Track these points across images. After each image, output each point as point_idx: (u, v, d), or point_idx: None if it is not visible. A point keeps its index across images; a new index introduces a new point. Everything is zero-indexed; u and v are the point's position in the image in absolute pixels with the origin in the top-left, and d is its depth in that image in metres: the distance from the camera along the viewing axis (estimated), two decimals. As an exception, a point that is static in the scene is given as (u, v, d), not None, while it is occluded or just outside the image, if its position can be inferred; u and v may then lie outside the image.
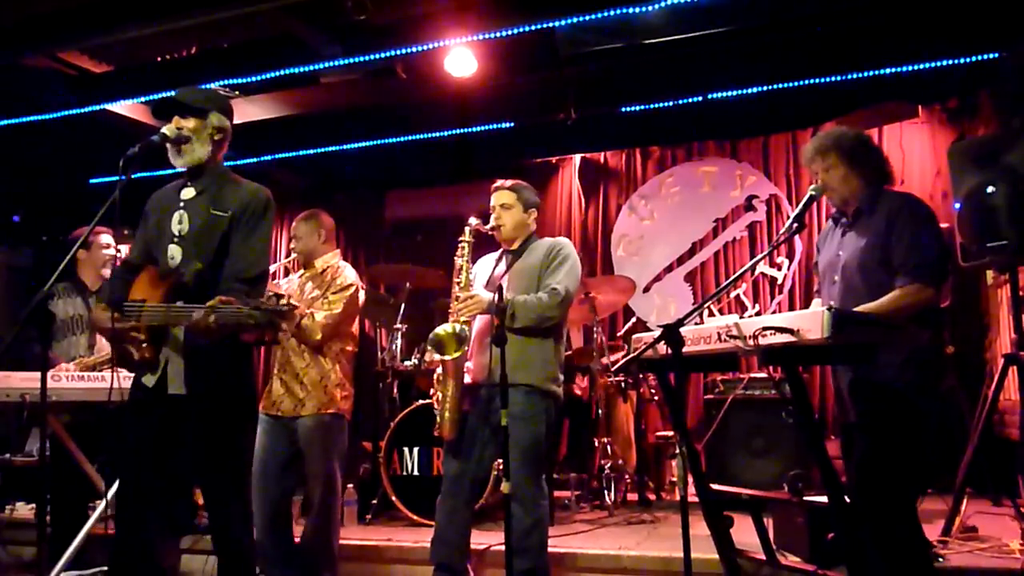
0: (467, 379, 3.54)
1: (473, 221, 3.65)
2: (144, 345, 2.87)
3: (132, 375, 3.98)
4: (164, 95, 3.05)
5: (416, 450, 4.87)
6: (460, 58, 5.57)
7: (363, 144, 6.96)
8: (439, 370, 3.54)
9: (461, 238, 3.62)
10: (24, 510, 5.31)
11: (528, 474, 3.38)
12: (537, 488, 3.40)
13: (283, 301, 2.72)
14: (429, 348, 3.51)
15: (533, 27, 5.09)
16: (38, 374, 3.47)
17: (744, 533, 3.16)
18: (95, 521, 3.90)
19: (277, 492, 3.78)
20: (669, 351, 2.62)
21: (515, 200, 3.67)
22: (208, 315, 2.67)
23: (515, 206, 3.67)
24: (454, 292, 3.56)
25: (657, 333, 2.72)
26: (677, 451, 3.00)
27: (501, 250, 3.76)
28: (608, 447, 5.29)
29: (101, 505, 3.90)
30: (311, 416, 3.80)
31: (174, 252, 2.98)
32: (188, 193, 3.05)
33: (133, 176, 2.78)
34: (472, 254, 3.66)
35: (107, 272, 4.45)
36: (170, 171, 3.11)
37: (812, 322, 2.33)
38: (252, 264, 2.97)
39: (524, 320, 3.41)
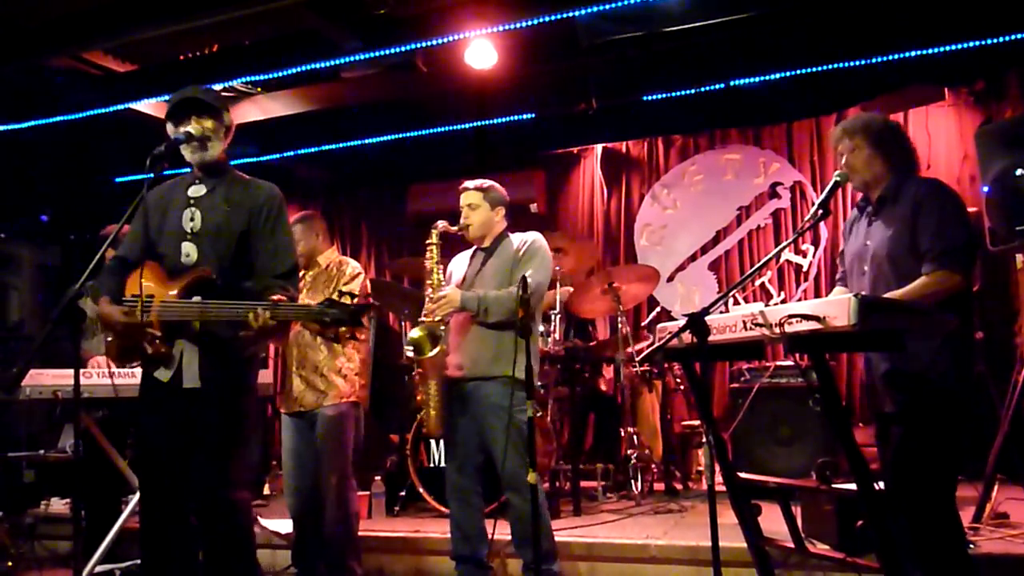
0: (449, 374, 3.65)
1: (440, 224, 3.75)
2: (158, 340, 2.87)
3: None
4: (179, 95, 3.05)
5: (442, 442, 4.89)
6: (480, 50, 5.57)
7: (384, 138, 6.98)
8: (418, 369, 3.62)
9: (428, 241, 3.71)
10: (59, 505, 5.40)
11: (520, 462, 3.46)
12: (525, 476, 3.45)
13: (355, 300, 2.76)
14: (408, 351, 3.59)
15: (553, 17, 5.07)
16: (69, 371, 3.53)
17: (772, 521, 3.16)
18: (128, 515, 3.96)
19: (312, 485, 3.87)
20: (695, 340, 2.62)
21: (481, 199, 3.76)
22: (266, 313, 2.71)
23: (481, 205, 3.76)
24: (427, 293, 3.64)
25: (682, 322, 2.72)
26: (704, 440, 3.00)
27: (475, 248, 3.83)
28: (634, 437, 5.29)
29: (134, 499, 3.96)
30: (331, 406, 3.86)
31: (188, 249, 2.98)
32: (198, 190, 3.06)
33: (161, 174, 2.81)
34: (440, 254, 3.74)
35: None
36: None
37: (839, 309, 2.31)
38: (283, 259, 3.02)
39: (497, 315, 3.53)
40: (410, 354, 3.51)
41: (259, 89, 6.38)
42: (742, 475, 3.23)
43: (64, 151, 7.15)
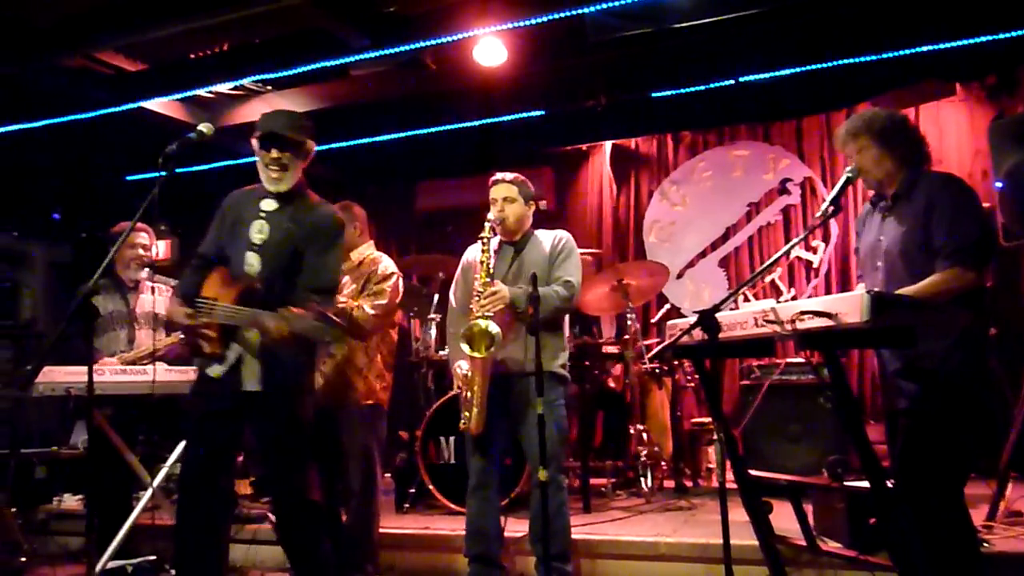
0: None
1: (491, 216, 3.68)
2: (214, 340, 3.07)
3: (171, 368, 4.09)
4: (266, 125, 3.20)
5: (452, 439, 4.90)
6: (489, 47, 5.56)
7: (393, 136, 6.99)
8: (464, 365, 3.57)
9: (482, 234, 3.65)
10: (71, 501, 5.42)
11: (556, 457, 3.47)
12: (561, 471, 3.51)
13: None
14: (459, 341, 3.52)
15: (562, 14, 5.07)
16: (82, 368, 3.56)
17: (783, 519, 3.15)
18: (140, 511, 3.97)
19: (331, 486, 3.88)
20: (705, 337, 2.61)
21: (517, 193, 3.74)
22: (280, 322, 2.86)
23: (517, 199, 3.74)
24: (475, 287, 3.59)
25: (692, 319, 2.71)
26: (714, 437, 2.99)
27: (500, 242, 3.78)
28: (644, 434, 5.27)
29: (145, 495, 3.97)
30: (352, 407, 3.84)
31: (252, 260, 3.15)
32: (270, 205, 3.22)
33: (173, 172, 2.83)
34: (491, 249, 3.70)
35: (133, 270, 4.50)
36: (206, 167, 3.18)
37: (851, 305, 2.30)
38: (325, 278, 3.17)
39: (545, 312, 3.48)
40: (464, 347, 3.47)
41: (269, 87, 6.39)
42: (753, 472, 3.22)
43: (75, 150, 7.18)
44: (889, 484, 2.60)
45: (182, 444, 4.11)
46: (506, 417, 3.56)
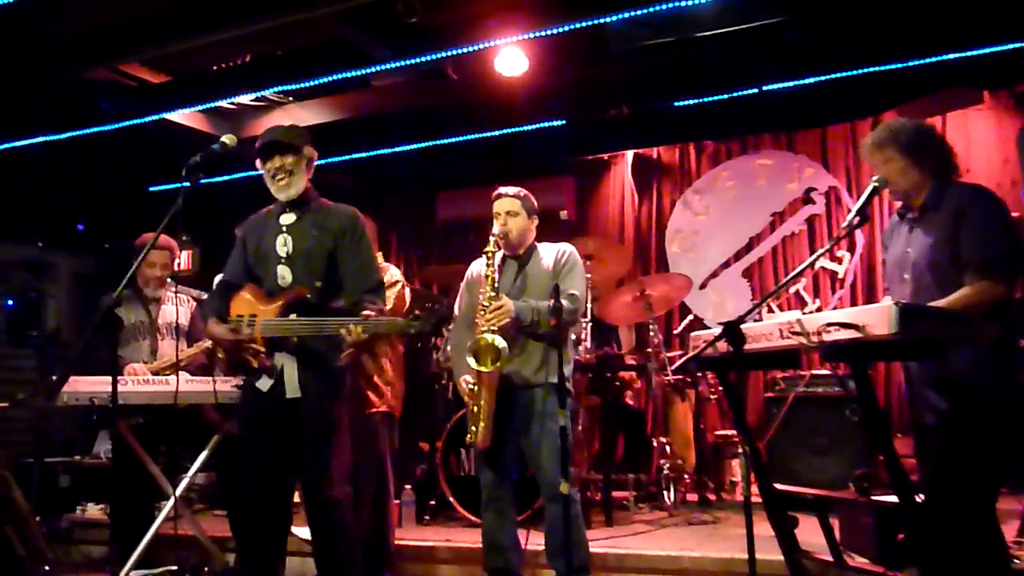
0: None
1: (497, 230, 3.70)
2: (262, 354, 3.22)
3: (193, 378, 4.13)
4: (265, 136, 3.36)
5: (472, 451, 4.89)
6: (510, 57, 5.58)
7: (414, 146, 7.03)
8: (470, 379, 3.58)
9: (487, 248, 3.67)
10: (94, 510, 5.47)
11: (563, 470, 3.43)
12: (570, 483, 3.47)
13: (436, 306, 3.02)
14: (467, 354, 3.53)
15: (584, 24, 5.07)
16: (105, 378, 3.60)
17: (809, 533, 3.12)
18: (161, 521, 4.01)
19: None
20: (730, 349, 2.60)
21: (520, 207, 3.74)
22: (358, 328, 3.01)
23: (520, 213, 3.74)
24: (480, 301, 3.60)
25: (715, 331, 2.70)
26: (738, 450, 2.98)
27: (503, 256, 3.79)
28: (666, 447, 5.25)
29: (167, 505, 4.01)
30: (363, 415, 3.87)
31: (283, 272, 3.29)
32: (288, 218, 3.36)
33: (197, 183, 2.86)
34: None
35: (151, 288, 4.53)
36: (227, 177, 3.23)
37: (878, 317, 2.28)
38: (369, 276, 3.32)
39: (547, 326, 3.51)
40: (470, 361, 3.48)
41: (290, 98, 6.45)
42: (778, 486, 3.20)
43: (99, 161, 7.27)
44: (918, 498, 2.57)
45: (203, 455, 4.16)
46: (514, 429, 3.58)
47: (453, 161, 7.30)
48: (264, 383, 3.26)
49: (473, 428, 3.54)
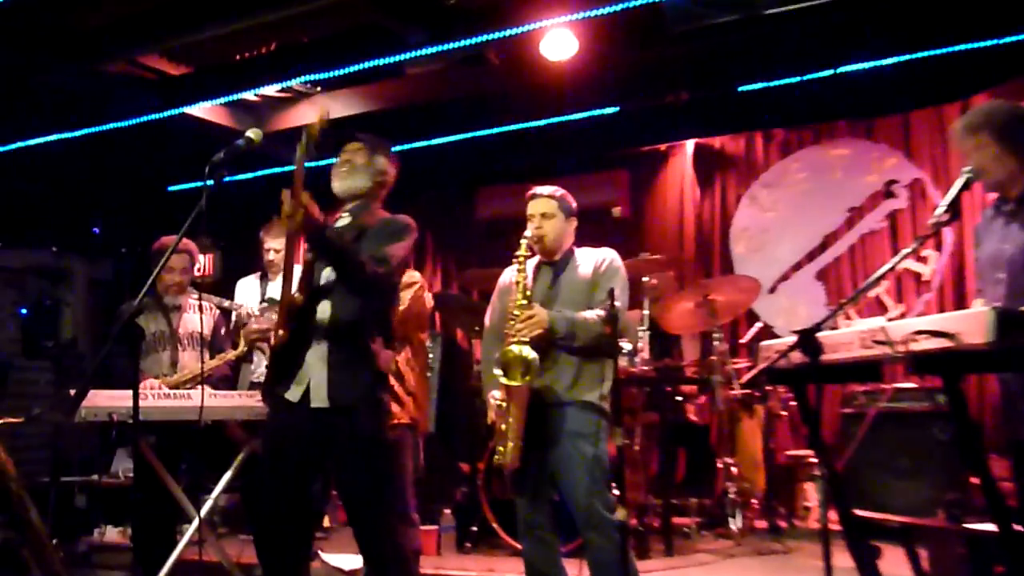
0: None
1: (528, 234, 3.70)
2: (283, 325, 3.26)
3: (216, 392, 4.20)
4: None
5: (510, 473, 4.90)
6: (558, 40, 5.59)
7: (452, 138, 7.08)
8: (497, 394, 3.58)
9: (518, 252, 3.66)
10: (113, 533, 5.59)
11: (599, 496, 3.43)
12: (608, 509, 3.45)
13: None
14: (494, 368, 3.55)
15: (639, 2, 5.07)
16: (125, 393, 3.68)
17: (894, 565, 3.09)
18: (185, 545, 4.08)
19: None
20: (805, 360, 2.57)
21: (556, 208, 3.72)
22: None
23: (556, 215, 3.72)
24: (509, 309, 3.60)
25: (788, 340, 2.68)
26: (814, 472, 2.95)
27: (538, 262, 3.79)
28: (732, 468, 5.21)
29: (191, 528, 4.08)
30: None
31: (327, 273, 3.35)
32: (342, 221, 3.50)
33: (221, 181, 2.91)
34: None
35: (172, 295, 4.63)
36: (253, 174, 3.29)
37: (973, 324, 2.24)
38: (381, 247, 3.33)
39: (585, 339, 3.49)
40: (498, 374, 3.51)
41: (318, 88, 6.54)
42: (858, 512, 3.16)
43: (116, 160, 7.43)
44: (1017, 527, 2.52)
45: (228, 474, 4.23)
46: (546, 450, 3.55)
47: (495, 154, 7.33)
48: (292, 394, 3.28)
49: (501, 448, 3.54)
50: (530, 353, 3.43)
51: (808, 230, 6.77)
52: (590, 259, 3.72)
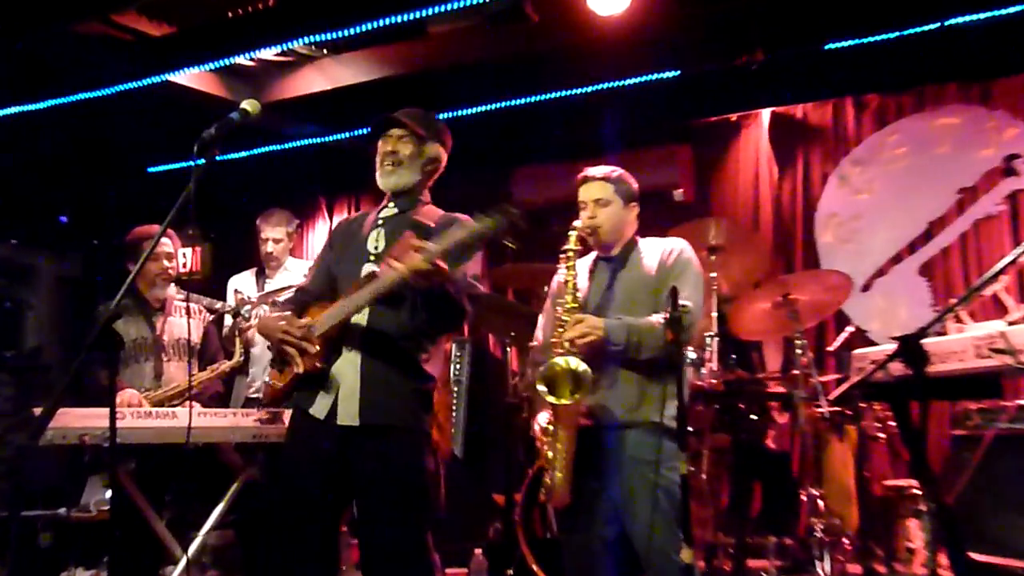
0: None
1: (579, 224, 3.72)
2: (314, 355, 3.33)
3: (206, 410, 4.24)
4: (384, 114, 3.58)
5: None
6: (609, -10, 5.60)
7: (482, 108, 7.09)
8: (544, 417, 3.60)
9: (565, 245, 3.69)
10: (84, 576, 5.67)
11: (665, 534, 3.43)
12: (673, 550, 3.43)
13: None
14: (536, 384, 3.55)
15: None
16: (99, 410, 3.74)
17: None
18: (169, 592, 4.14)
19: None
20: (907, 371, 2.56)
21: (612, 193, 3.74)
22: (420, 258, 3.06)
23: (613, 201, 3.74)
24: (558, 315, 3.62)
25: (886, 348, 2.67)
26: (918, 507, 2.93)
27: (595, 257, 3.80)
28: (819, 501, 5.17)
29: (176, 571, 4.13)
30: None
31: (370, 271, 3.42)
32: (388, 212, 3.61)
33: (213, 160, 2.95)
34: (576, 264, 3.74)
35: (159, 287, 4.69)
36: (250, 152, 3.31)
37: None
38: (471, 276, 3.45)
39: (651, 349, 3.50)
40: (542, 391, 3.51)
41: (324, 52, 6.58)
42: (974, 556, 3.13)
43: (87, 136, 7.52)
44: None
45: (219, 507, 4.28)
46: (605, 481, 3.57)
47: (534, 128, 7.35)
48: (319, 409, 3.33)
49: (547, 480, 3.55)
50: (580, 365, 3.44)
51: (910, 215, 6.72)
52: (655, 252, 3.72)
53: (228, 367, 4.70)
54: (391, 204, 3.61)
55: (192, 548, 4.28)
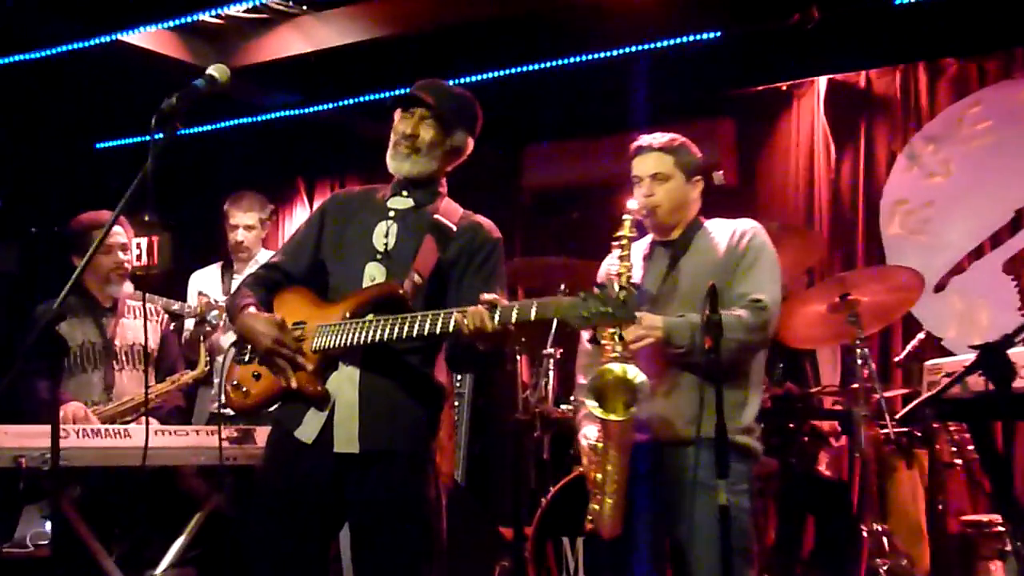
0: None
1: (633, 205, 3.71)
2: (310, 374, 3.28)
3: (164, 428, 4.26)
4: (407, 92, 3.55)
5: (581, 541, 4.93)
6: (637, -63, 5.61)
7: (488, 75, 7.09)
8: (593, 432, 3.60)
9: (619, 232, 3.67)
10: (17, 625, 5.69)
11: (739, 570, 3.42)
12: None
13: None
14: (585, 397, 3.56)
15: None
16: (39, 428, 3.75)
17: None
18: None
19: None
20: (989, 386, 2.56)
21: (673, 166, 3.73)
22: (489, 314, 3.00)
23: (674, 176, 3.73)
24: None
25: (964, 358, 2.67)
26: (1003, 547, 2.94)
27: (651, 242, 3.80)
28: (884, 538, 5.18)
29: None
30: None
31: (374, 272, 3.39)
32: (401, 203, 3.54)
33: (173, 135, 2.95)
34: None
35: (113, 284, 4.70)
36: (216, 125, 3.31)
37: None
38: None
39: (719, 352, 3.42)
40: (591, 406, 3.50)
41: (304, 7, 6.58)
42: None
43: (25, 106, 7.54)
44: None
45: (179, 541, 4.30)
46: (659, 506, 3.56)
47: (548, 99, 7.35)
48: (307, 431, 3.29)
49: (595, 507, 3.54)
50: (637, 375, 3.41)
51: (993, 203, 6.70)
52: (723, 235, 3.71)
53: (190, 378, 4.72)
54: (404, 193, 3.55)
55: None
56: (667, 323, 3.50)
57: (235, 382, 3.46)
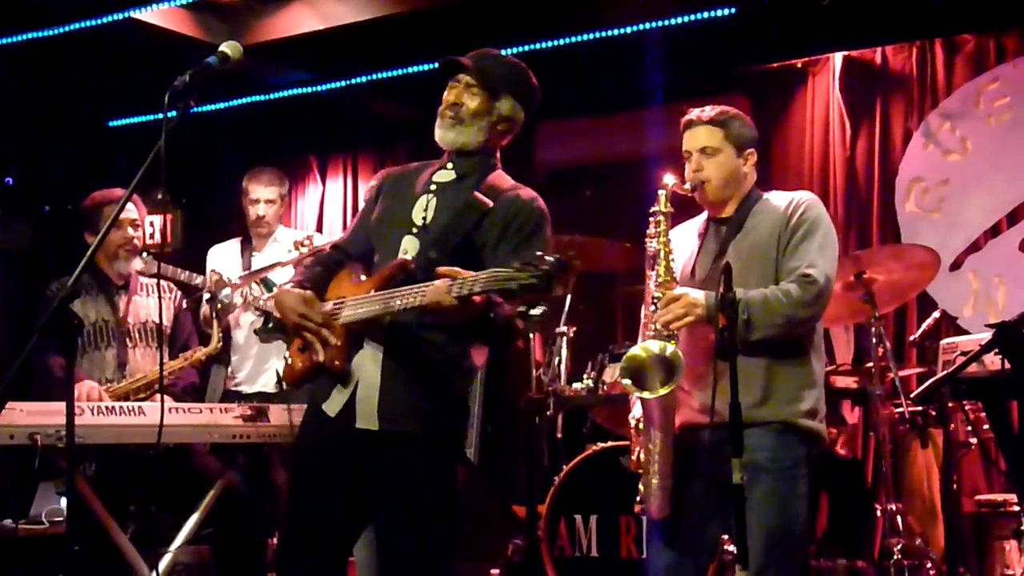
0: (678, 419, 3.54)
1: (670, 180, 3.65)
2: (337, 348, 3.29)
3: (179, 405, 4.27)
4: (452, 57, 3.51)
5: (593, 519, 4.93)
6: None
7: (502, 52, 7.06)
8: (636, 413, 3.58)
9: (655, 208, 3.61)
10: (33, 601, 5.73)
11: (779, 565, 3.37)
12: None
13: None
14: (620, 376, 3.55)
15: None
16: (53, 405, 3.77)
17: None
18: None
19: None
20: (1006, 365, 2.56)
21: (722, 140, 3.63)
22: (445, 290, 2.99)
23: (724, 149, 3.63)
24: (649, 291, 3.56)
25: (980, 336, 2.67)
26: (1019, 527, 2.94)
27: (705, 218, 3.76)
28: (898, 517, 5.19)
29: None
30: None
31: (408, 246, 3.39)
32: (445, 176, 3.52)
33: (187, 113, 2.95)
34: (668, 230, 3.63)
35: (123, 260, 4.70)
36: (230, 103, 3.31)
37: None
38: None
39: (765, 328, 3.39)
40: (625, 384, 3.48)
41: (316, -16, 6.59)
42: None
43: (36, 85, 7.54)
44: None
45: (193, 518, 4.32)
46: (714, 490, 3.48)
47: (561, 76, 7.32)
48: (332, 406, 3.32)
49: (641, 486, 3.52)
50: (670, 350, 3.38)
51: (1010, 181, 6.68)
52: (777, 210, 3.61)
53: (204, 354, 4.72)
54: (449, 165, 3.53)
55: (161, 566, 4.30)
56: (709, 298, 3.41)
57: (287, 355, 3.50)
